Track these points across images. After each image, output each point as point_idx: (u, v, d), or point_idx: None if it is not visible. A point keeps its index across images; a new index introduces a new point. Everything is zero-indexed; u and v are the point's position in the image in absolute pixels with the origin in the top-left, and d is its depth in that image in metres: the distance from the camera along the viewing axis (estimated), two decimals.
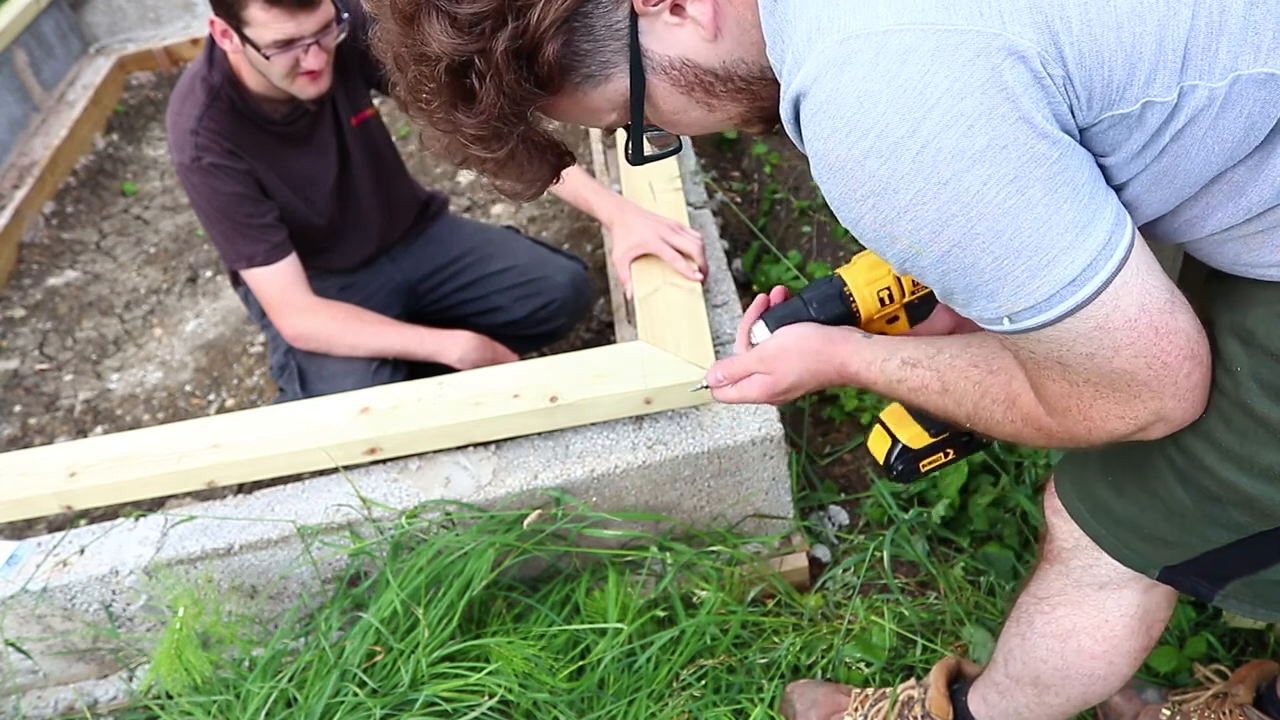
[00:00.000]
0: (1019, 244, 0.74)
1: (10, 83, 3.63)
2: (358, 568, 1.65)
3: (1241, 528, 0.93)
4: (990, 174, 0.72)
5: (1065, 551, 1.13)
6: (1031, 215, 0.73)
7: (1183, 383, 0.82)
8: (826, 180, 0.79)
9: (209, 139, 1.89)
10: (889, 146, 0.73)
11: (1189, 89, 0.73)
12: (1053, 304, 0.77)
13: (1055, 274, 0.75)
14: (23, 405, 2.65)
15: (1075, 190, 0.74)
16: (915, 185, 0.74)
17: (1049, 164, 0.73)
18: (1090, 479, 1.07)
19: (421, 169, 3.29)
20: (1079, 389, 0.84)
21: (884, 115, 0.72)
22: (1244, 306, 0.85)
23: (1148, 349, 0.79)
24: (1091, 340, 0.79)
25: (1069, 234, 0.74)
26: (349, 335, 1.99)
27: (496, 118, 0.86)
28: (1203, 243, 0.86)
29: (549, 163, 0.96)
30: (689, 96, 0.90)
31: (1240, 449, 0.87)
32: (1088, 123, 0.75)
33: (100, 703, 1.75)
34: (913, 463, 1.18)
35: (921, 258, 0.78)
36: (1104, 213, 0.76)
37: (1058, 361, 0.82)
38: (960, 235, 0.75)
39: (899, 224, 0.77)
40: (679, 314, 1.73)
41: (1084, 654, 1.16)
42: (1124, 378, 0.81)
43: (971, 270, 0.77)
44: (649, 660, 1.61)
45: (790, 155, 2.95)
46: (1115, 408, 0.83)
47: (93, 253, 3.23)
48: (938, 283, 0.81)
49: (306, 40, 1.78)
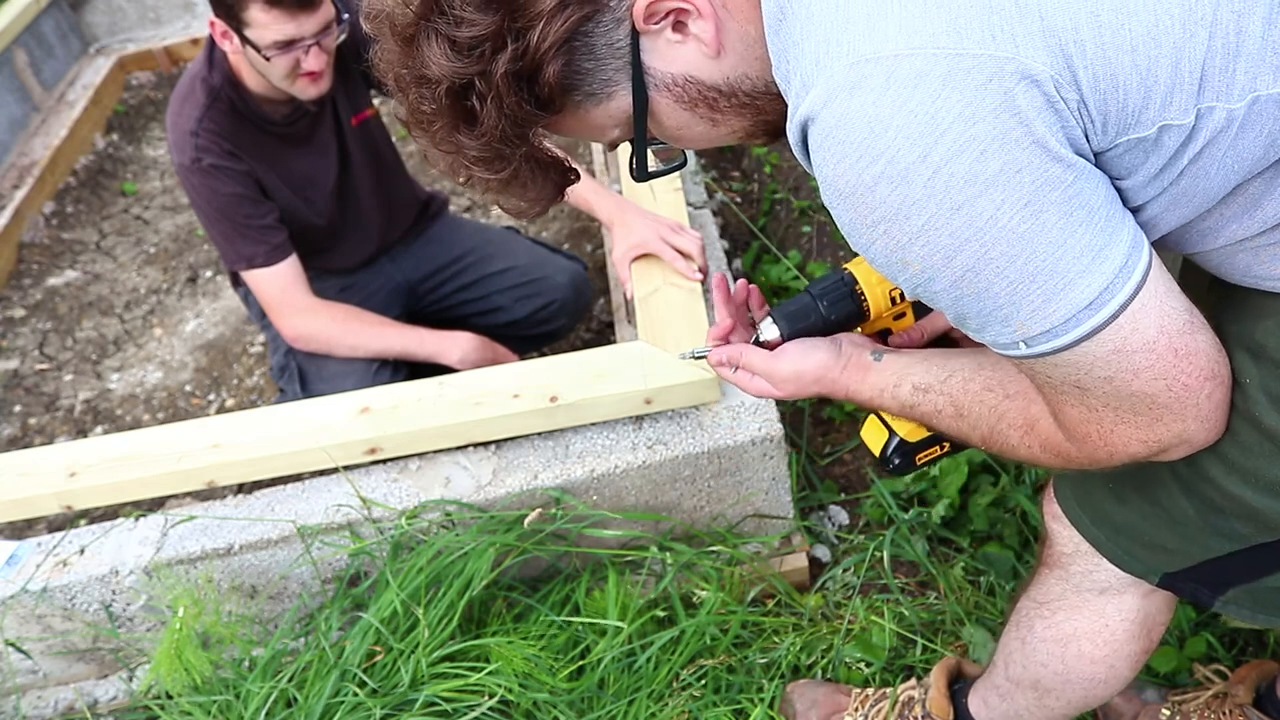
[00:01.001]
0: (1034, 268, 0.74)
1: (10, 83, 3.63)
2: (358, 568, 1.65)
3: (1244, 538, 0.93)
4: (1004, 199, 0.72)
5: (1065, 557, 1.12)
6: (1046, 240, 0.73)
7: (1204, 404, 0.81)
8: (837, 206, 0.78)
9: (209, 140, 1.89)
10: (900, 172, 0.72)
11: (1206, 111, 0.72)
12: (1069, 328, 0.76)
13: (1071, 298, 0.74)
14: (23, 405, 2.65)
15: (1090, 214, 0.73)
16: (927, 211, 0.73)
17: (1063, 188, 0.72)
18: (1091, 486, 1.06)
19: (421, 169, 3.28)
20: (1098, 414, 0.82)
21: (895, 141, 0.72)
22: (1253, 318, 0.84)
23: (1167, 371, 0.78)
24: (1110, 364, 0.78)
25: (1085, 257, 0.73)
26: (349, 336, 1.99)
27: (499, 139, 0.85)
28: (1213, 254, 0.85)
29: (553, 181, 0.95)
30: (693, 112, 0.89)
31: (1246, 462, 0.86)
32: (1103, 147, 0.74)
33: (100, 703, 1.75)
34: (909, 456, 1.16)
35: (934, 283, 0.78)
36: (1120, 235, 0.75)
37: (1075, 386, 0.81)
38: (974, 261, 0.74)
39: (911, 250, 0.76)
40: (679, 314, 1.73)
41: (1084, 658, 1.16)
42: (1144, 401, 0.80)
43: (985, 295, 0.76)
44: (649, 660, 1.61)
45: (790, 156, 2.94)
46: (1136, 432, 0.82)
47: (93, 253, 3.23)
48: (951, 308, 0.80)
49: (307, 41, 1.78)
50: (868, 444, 1.19)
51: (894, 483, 1.90)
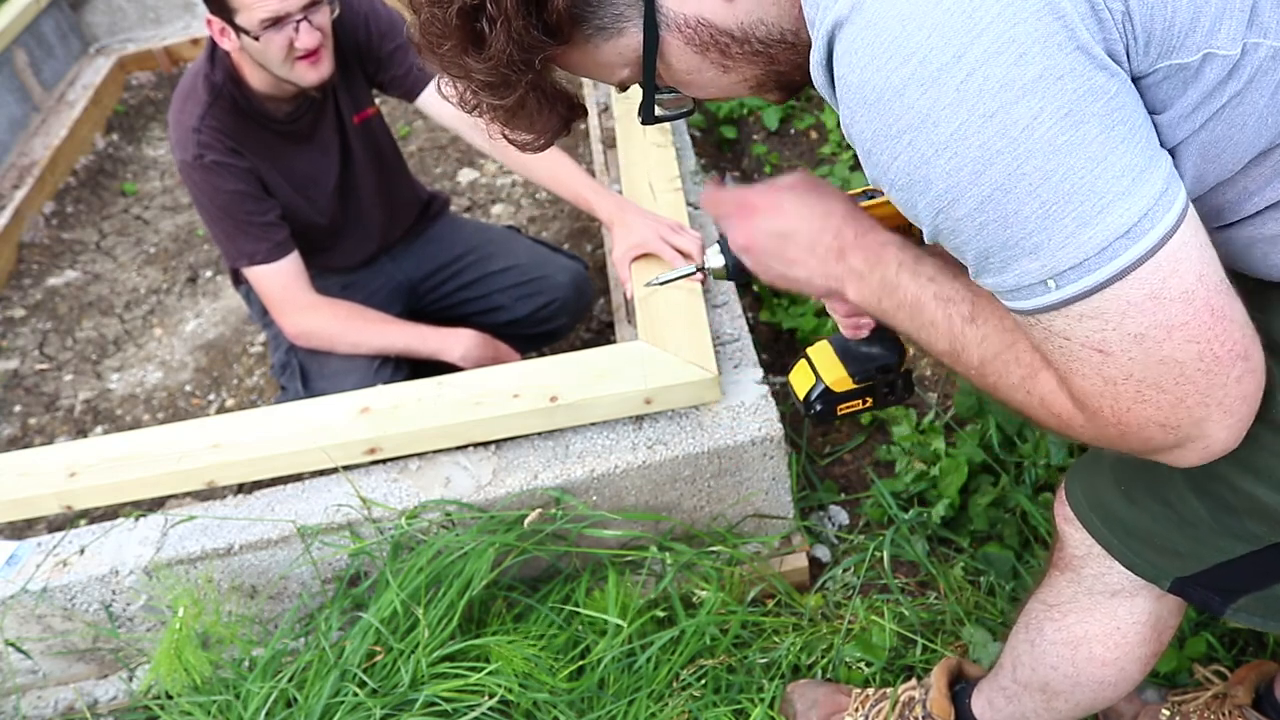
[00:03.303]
0: (1070, 187, 0.67)
1: (10, 83, 3.63)
2: (358, 568, 1.65)
3: (1257, 539, 0.92)
4: (1042, 107, 0.66)
5: (1077, 559, 1.11)
6: (1086, 154, 0.67)
7: (1232, 389, 0.73)
8: (860, 118, 0.73)
9: (211, 137, 1.89)
10: (931, 74, 0.67)
11: (1252, 47, 0.68)
12: (1104, 259, 0.69)
13: (1109, 222, 0.68)
14: (23, 405, 2.65)
15: (1133, 130, 0.68)
16: (958, 118, 0.67)
17: (1107, 99, 0.67)
18: (1102, 487, 1.05)
19: (422, 169, 3.29)
20: (1117, 387, 0.74)
21: (928, 39, 0.67)
22: (1269, 311, 0.81)
23: (1203, 332, 0.70)
24: (1143, 314, 0.70)
25: (1126, 178, 0.67)
26: (351, 333, 1.99)
27: (505, 64, 0.84)
28: (1232, 240, 0.81)
29: (559, 114, 0.94)
30: (703, 57, 0.87)
31: (1260, 460, 0.84)
32: (1143, 70, 0.70)
33: (100, 703, 1.75)
34: (831, 405, 1.16)
35: (958, 207, 0.71)
36: (1160, 160, 0.69)
37: (1097, 349, 0.73)
38: (1004, 177, 0.68)
39: (936, 164, 0.70)
40: (679, 314, 1.73)
41: (1095, 661, 1.15)
42: (1171, 372, 0.72)
43: (1014, 220, 0.69)
44: (649, 660, 1.61)
45: (790, 155, 2.95)
46: (1157, 413, 0.74)
47: (93, 253, 3.23)
48: (973, 240, 0.73)
49: (295, 16, 1.78)
50: (793, 386, 1.19)
51: (894, 482, 1.90)
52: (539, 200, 3.05)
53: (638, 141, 2.22)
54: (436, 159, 3.35)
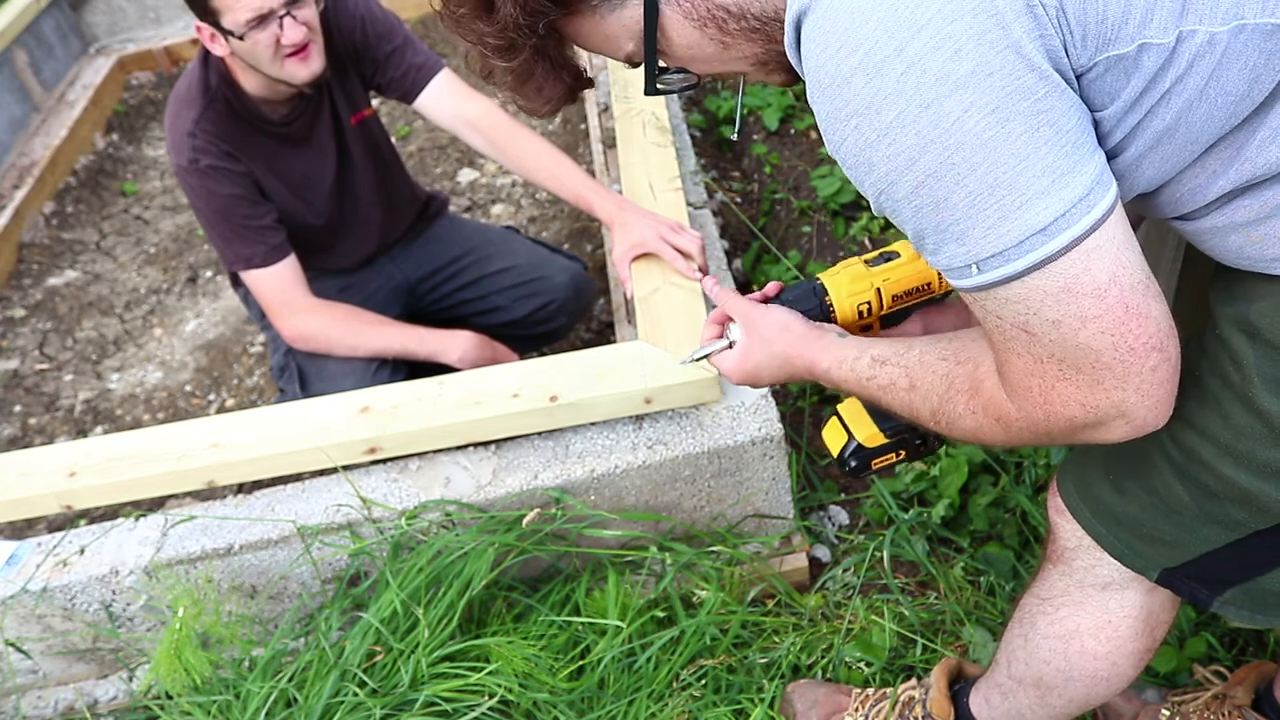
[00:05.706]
0: (993, 179, 0.73)
1: (10, 83, 3.63)
2: (358, 568, 1.65)
3: (1240, 525, 0.93)
4: (973, 101, 0.71)
5: (1068, 552, 1.13)
6: (1010, 150, 0.72)
7: (1147, 376, 0.78)
8: (817, 100, 0.79)
9: (206, 141, 1.89)
10: (875, 65, 0.73)
11: (1188, 34, 0.71)
12: (1021, 252, 0.75)
13: (1027, 218, 0.73)
14: (23, 405, 2.65)
15: (1058, 134, 0.73)
16: (897, 107, 0.73)
17: (1033, 99, 0.72)
18: (1092, 478, 1.07)
19: (422, 169, 3.29)
20: (1043, 365, 0.81)
21: (874, 32, 0.72)
22: (1247, 300, 0.85)
23: (1116, 326, 0.76)
24: (1059, 304, 0.76)
25: (1046, 178, 0.73)
26: (349, 335, 1.99)
27: (512, 28, 0.90)
28: (1207, 234, 0.85)
29: (565, 83, 1.00)
30: (702, 32, 0.91)
31: (1239, 445, 0.87)
32: (1084, 65, 0.74)
33: (100, 703, 1.75)
34: (865, 460, 1.19)
35: (896, 189, 0.77)
36: (1086, 166, 0.74)
37: (1024, 330, 0.79)
38: (935, 165, 0.74)
39: (878, 148, 0.76)
40: (679, 314, 1.73)
41: (1087, 655, 1.16)
42: (1089, 357, 0.78)
43: (944, 206, 0.75)
44: (649, 660, 1.61)
45: (790, 155, 2.95)
46: (1077, 392, 0.80)
47: (93, 253, 3.23)
48: (910, 220, 0.79)
49: (278, 12, 1.77)
50: (827, 444, 1.23)
51: (894, 482, 1.90)
52: (539, 200, 3.05)
53: (638, 141, 2.22)
54: (436, 159, 3.35)
